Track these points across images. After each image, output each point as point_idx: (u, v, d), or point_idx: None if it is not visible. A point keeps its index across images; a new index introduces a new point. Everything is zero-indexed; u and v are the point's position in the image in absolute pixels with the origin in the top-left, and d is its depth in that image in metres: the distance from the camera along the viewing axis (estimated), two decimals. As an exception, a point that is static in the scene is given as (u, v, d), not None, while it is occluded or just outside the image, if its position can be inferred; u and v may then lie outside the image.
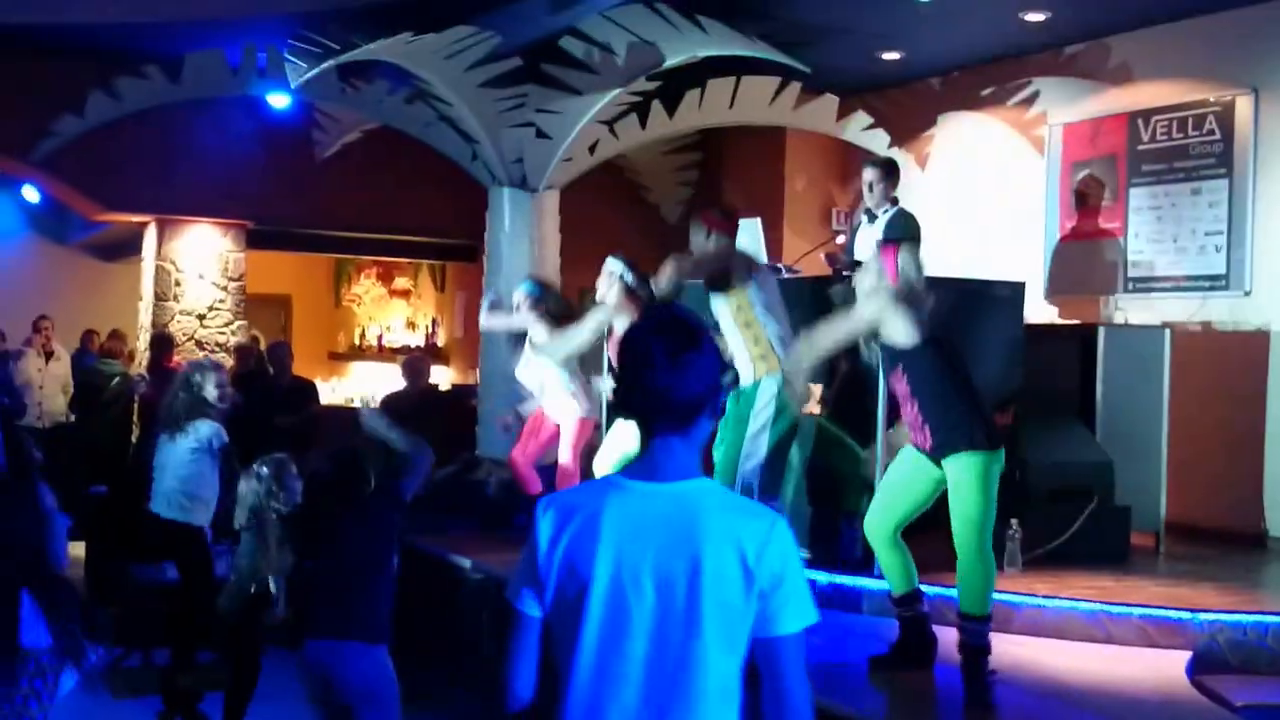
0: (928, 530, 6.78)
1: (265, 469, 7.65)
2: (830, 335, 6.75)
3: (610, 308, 8.46)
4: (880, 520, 6.69)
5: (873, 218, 9.49)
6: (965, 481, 6.22)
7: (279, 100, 13.66)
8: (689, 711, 2.98)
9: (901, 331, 6.38)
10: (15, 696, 4.44)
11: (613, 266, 8.61)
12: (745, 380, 7.45)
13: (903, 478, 6.61)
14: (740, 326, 7.48)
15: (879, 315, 6.47)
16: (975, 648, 6.16)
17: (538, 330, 9.51)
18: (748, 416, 7.37)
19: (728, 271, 7.57)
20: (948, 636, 6.62)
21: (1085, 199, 12.41)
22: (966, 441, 6.24)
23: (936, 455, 6.36)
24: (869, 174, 9.53)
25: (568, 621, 3.05)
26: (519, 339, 9.92)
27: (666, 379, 3.04)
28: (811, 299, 8.45)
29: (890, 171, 9.60)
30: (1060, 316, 11.77)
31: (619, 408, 3.25)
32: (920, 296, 6.55)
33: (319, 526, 6.82)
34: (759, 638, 3.01)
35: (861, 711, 6.22)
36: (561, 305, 9.79)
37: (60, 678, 4.56)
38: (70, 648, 4.50)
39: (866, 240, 9.40)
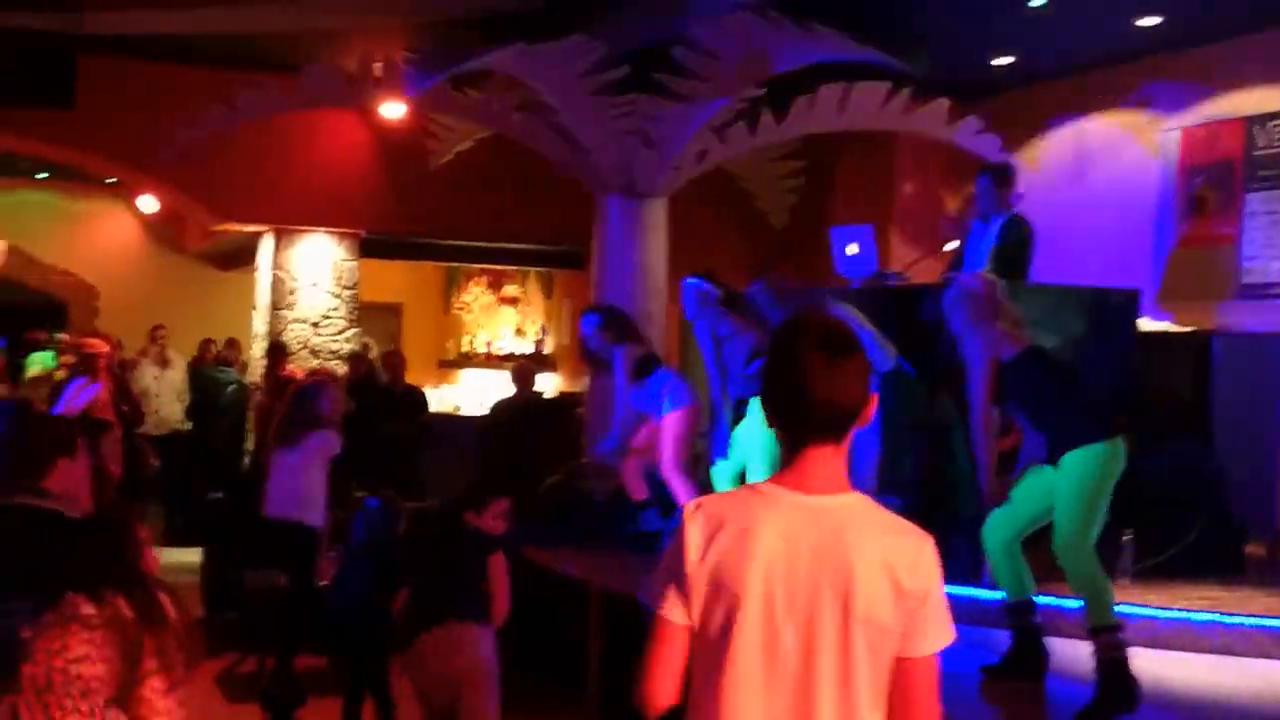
0: (1040, 543, 6.73)
1: (374, 504, 7.90)
2: (981, 398, 6.70)
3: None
4: (999, 527, 6.66)
5: (988, 224, 9.42)
6: (1077, 474, 6.18)
7: (393, 110, 13.79)
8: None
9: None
10: None
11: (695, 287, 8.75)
12: None
13: (1025, 488, 6.58)
14: None
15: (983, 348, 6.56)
16: (1111, 660, 6.09)
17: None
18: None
19: None
20: (1059, 649, 6.59)
21: (1200, 204, 12.27)
22: (1079, 437, 6.21)
23: (1055, 458, 6.32)
24: (982, 181, 9.45)
25: (716, 634, 2.97)
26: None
27: (824, 388, 2.94)
28: (919, 307, 8.41)
29: (1004, 178, 9.49)
30: (1174, 324, 11.64)
31: (768, 418, 3.07)
32: (1000, 311, 6.63)
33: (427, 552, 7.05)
34: (900, 656, 2.95)
35: (971, 721, 6.20)
36: (627, 325, 9.89)
37: None
38: None
39: (979, 247, 9.35)
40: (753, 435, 8.76)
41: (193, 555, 11.82)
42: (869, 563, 2.90)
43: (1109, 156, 13.24)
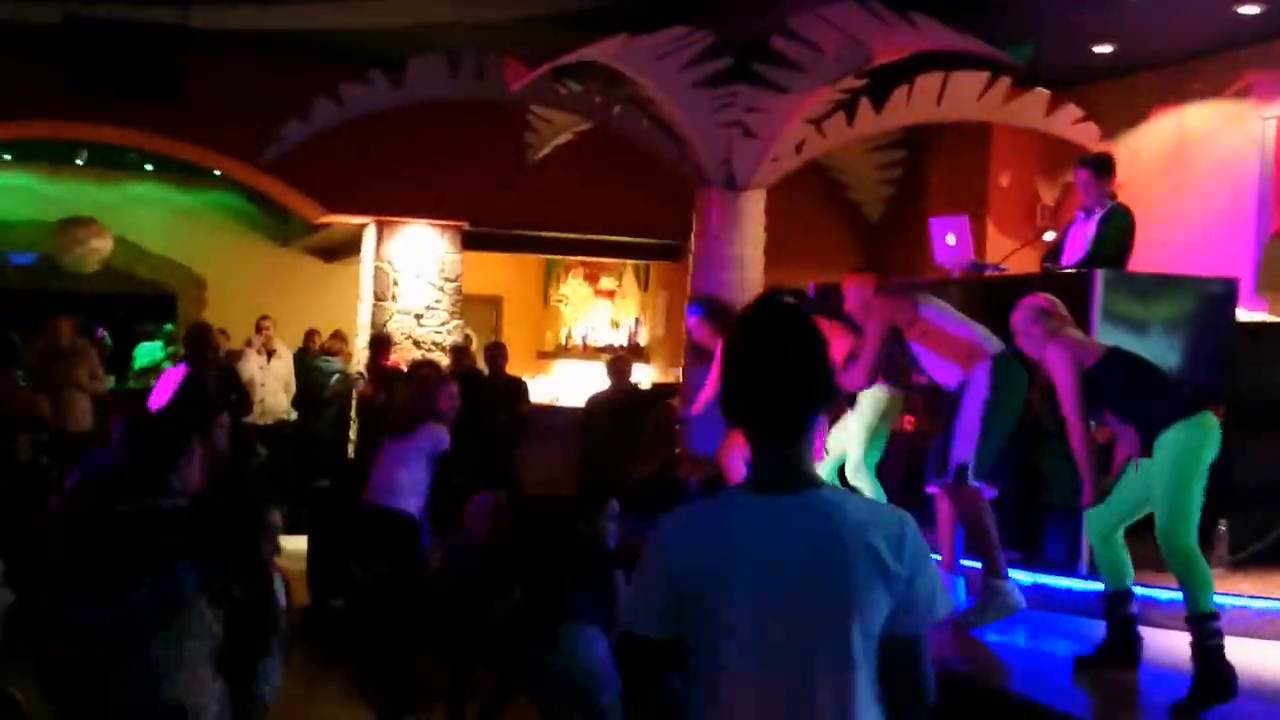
0: (1140, 533, 6.75)
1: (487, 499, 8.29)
2: (1072, 407, 6.75)
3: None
4: (1100, 517, 6.70)
5: (1089, 214, 9.41)
6: (1171, 453, 6.21)
7: (496, 103, 13.90)
8: (844, 713, 2.88)
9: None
10: None
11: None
12: (954, 380, 7.61)
13: (1124, 480, 6.61)
14: (934, 346, 7.67)
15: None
16: (1209, 649, 6.11)
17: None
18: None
19: (894, 336, 7.99)
20: (1154, 640, 6.62)
21: (1300, 193, 12.18)
22: (1168, 418, 6.24)
23: (1149, 448, 6.36)
24: (1084, 172, 9.44)
25: (703, 647, 2.94)
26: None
27: (790, 380, 2.90)
28: (1017, 298, 8.44)
29: (1104, 168, 9.46)
30: (1272, 313, 11.55)
31: (726, 413, 2.99)
32: (1070, 322, 6.77)
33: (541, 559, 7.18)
34: (892, 634, 2.93)
35: (1067, 710, 6.23)
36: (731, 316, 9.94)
37: None
38: None
39: (1080, 238, 9.36)
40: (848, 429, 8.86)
41: (299, 544, 11.89)
42: (854, 554, 2.86)
43: (1207, 145, 13.16)
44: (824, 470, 9.02)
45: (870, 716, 2.92)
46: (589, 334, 20.97)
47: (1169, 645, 7.19)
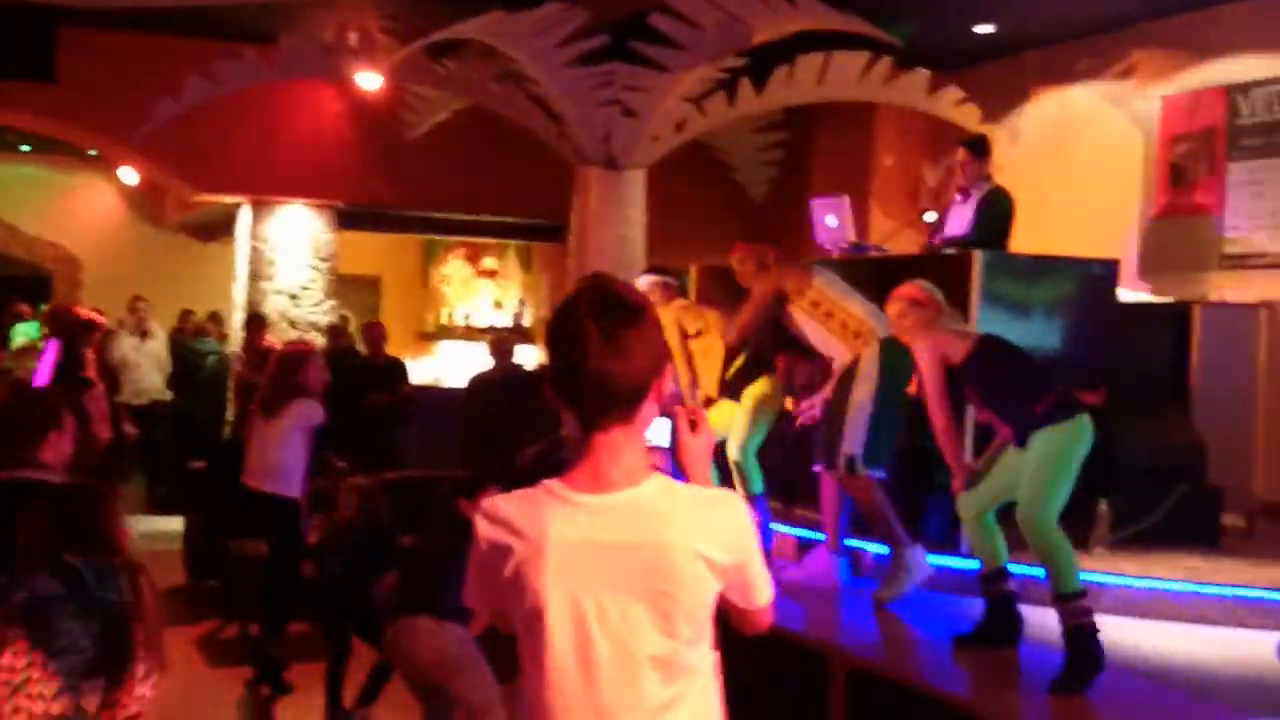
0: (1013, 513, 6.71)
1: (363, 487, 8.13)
2: (934, 403, 6.70)
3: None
4: (974, 495, 6.65)
5: (967, 196, 9.40)
6: (1042, 453, 6.18)
7: (370, 81, 13.74)
8: (675, 711, 2.82)
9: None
10: None
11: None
12: (843, 362, 7.56)
13: (1003, 459, 6.56)
14: (821, 319, 7.59)
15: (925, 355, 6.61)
16: (1078, 627, 6.07)
17: None
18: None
19: (779, 302, 7.79)
20: (1035, 617, 6.58)
21: (1182, 174, 12.24)
22: (1043, 419, 6.20)
23: (1021, 441, 6.32)
24: (962, 153, 9.45)
25: (526, 642, 2.85)
26: None
27: (604, 362, 2.75)
28: (898, 278, 8.39)
29: (982, 150, 9.49)
30: (1154, 294, 11.61)
31: (555, 397, 2.87)
32: (944, 314, 6.71)
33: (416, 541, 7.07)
34: (726, 608, 2.90)
35: (945, 689, 6.18)
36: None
37: None
38: None
39: (959, 219, 9.35)
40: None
41: (174, 524, 11.89)
42: (681, 552, 2.77)
43: (1091, 126, 13.21)
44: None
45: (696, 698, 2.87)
46: (472, 314, 20.85)
47: (1051, 623, 7.22)
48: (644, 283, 9.16)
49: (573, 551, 2.78)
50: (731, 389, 8.68)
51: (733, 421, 8.70)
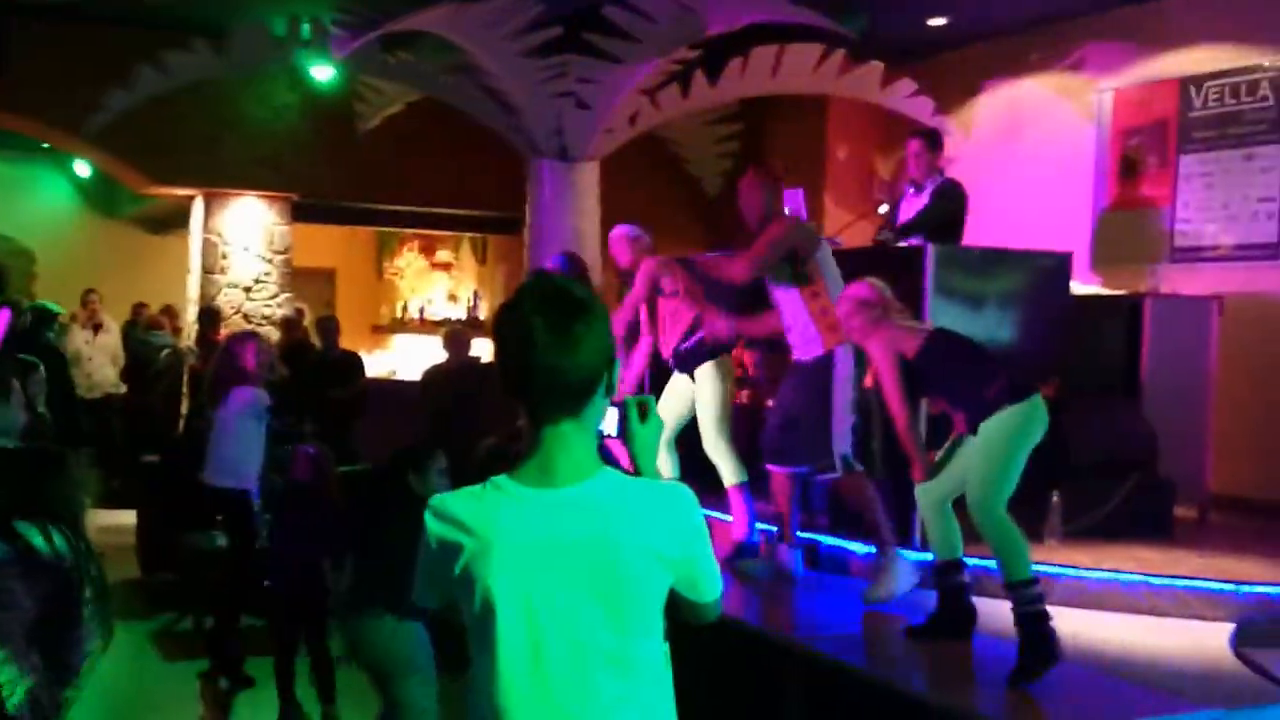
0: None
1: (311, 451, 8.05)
2: (894, 399, 6.70)
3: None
4: (932, 486, 6.66)
5: (919, 189, 9.43)
6: (991, 438, 6.21)
7: (323, 73, 13.68)
8: (627, 705, 2.81)
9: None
10: None
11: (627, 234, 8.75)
12: (810, 353, 7.52)
13: (961, 450, 6.58)
14: (808, 299, 7.53)
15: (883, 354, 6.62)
16: (1030, 615, 6.09)
17: None
18: (828, 389, 7.46)
19: (796, 246, 7.61)
20: (990, 610, 6.61)
21: (1133, 167, 12.30)
22: (994, 405, 6.23)
23: (973, 430, 6.35)
24: (913, 145, 9.48)
25: (477, 638, 2.84)
26: None
27: (552, 357, 2.75)
28: (853, 271, 8.39)
29: (934, 142, 9.55)
30: (1107, 286, 11.66)
31: (504, 391, 2.86)
32: (894, 311, 6.71)
33: (366, 520, 6.97)
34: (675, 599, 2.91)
35: (898, 680, 6.20)
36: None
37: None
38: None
39: (912, 211, 9.37)
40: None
41: (128, 518, 11.84)
42: (630, 548, 2.78)
43: (1043, 118, 13.27)
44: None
45: (649, 692, 2.87)
46: (426, 307, 20.80)
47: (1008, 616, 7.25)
48: (621, 233, 9.01)
49: (522, 548, 2.78)
50: (683, 362, 8.58)
51: (680, 407, 8.65)
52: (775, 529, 8.14)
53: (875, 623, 7.22)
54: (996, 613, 6.67)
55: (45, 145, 18.10)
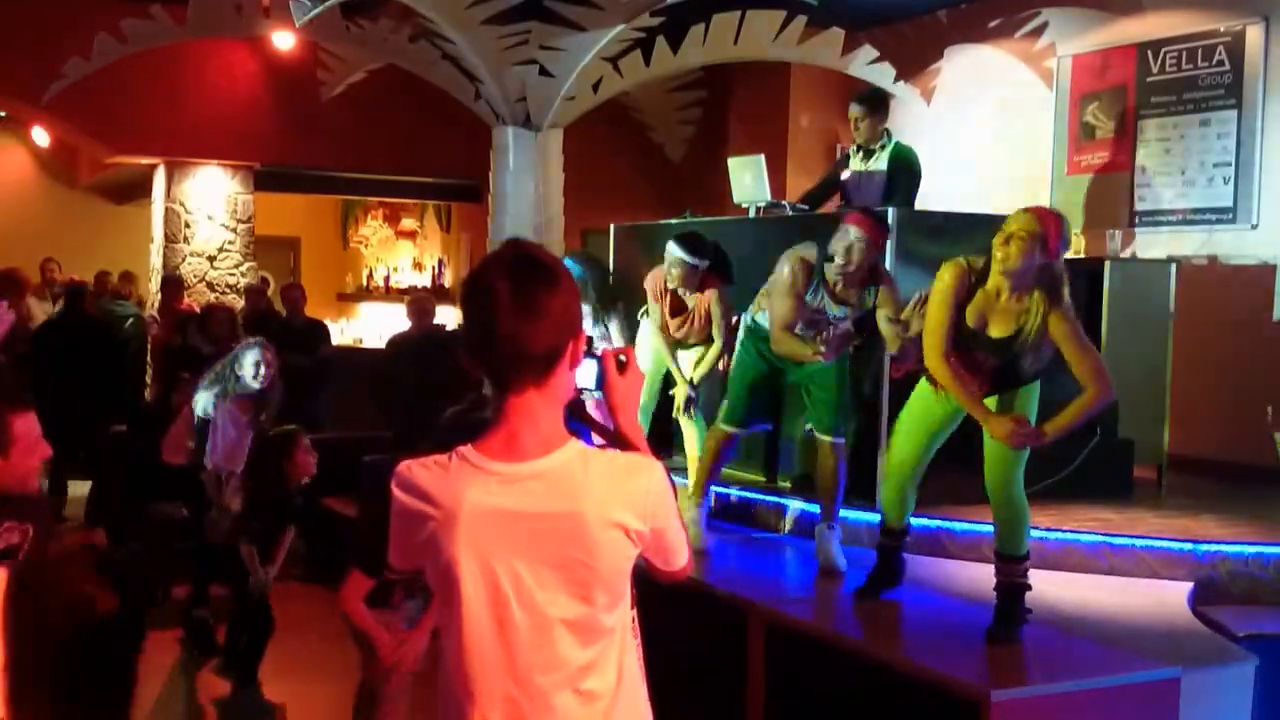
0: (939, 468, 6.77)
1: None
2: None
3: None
4: (921, 456, 6.63)
5: (869, 154, 9.45)
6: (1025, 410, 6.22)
7: (284, 40, 13.66)
8: (594, 673, 2.86)
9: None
10: None
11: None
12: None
13: (929, 420, 6.56)
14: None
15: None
16: (1014, 586, 6.18)
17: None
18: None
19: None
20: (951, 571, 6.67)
21: (1093, 132, 12.37)
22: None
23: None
24: (855, 109, 9.49)
25: (443, 605, 2.87)
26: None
27: (516, 324, 2.75)
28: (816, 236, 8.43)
29: (877, 105, 9.56)
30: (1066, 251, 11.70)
31: (470, 357, 2.86)
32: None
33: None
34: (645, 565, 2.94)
35: (855, 641, 6.27)
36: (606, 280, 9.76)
37: None
38: None
39: (859, 177, 9.42)
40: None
41: (82, 487, 12.03)
42: (595, 522, 2.79)
43: (1002, 84, 13.31)
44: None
45: (611, 662, 2.90)
46: (392, 275, 20.76)
47: (966, 577, 7.39)
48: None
49: (486, 520, 2.79)
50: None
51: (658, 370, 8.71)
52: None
53: (839, 584, 7.30)
54: (960, 575, 6.76)
55: (2, 114, 18.01)
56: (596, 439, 3.19)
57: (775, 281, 7.36)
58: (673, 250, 8.35)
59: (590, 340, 3.55)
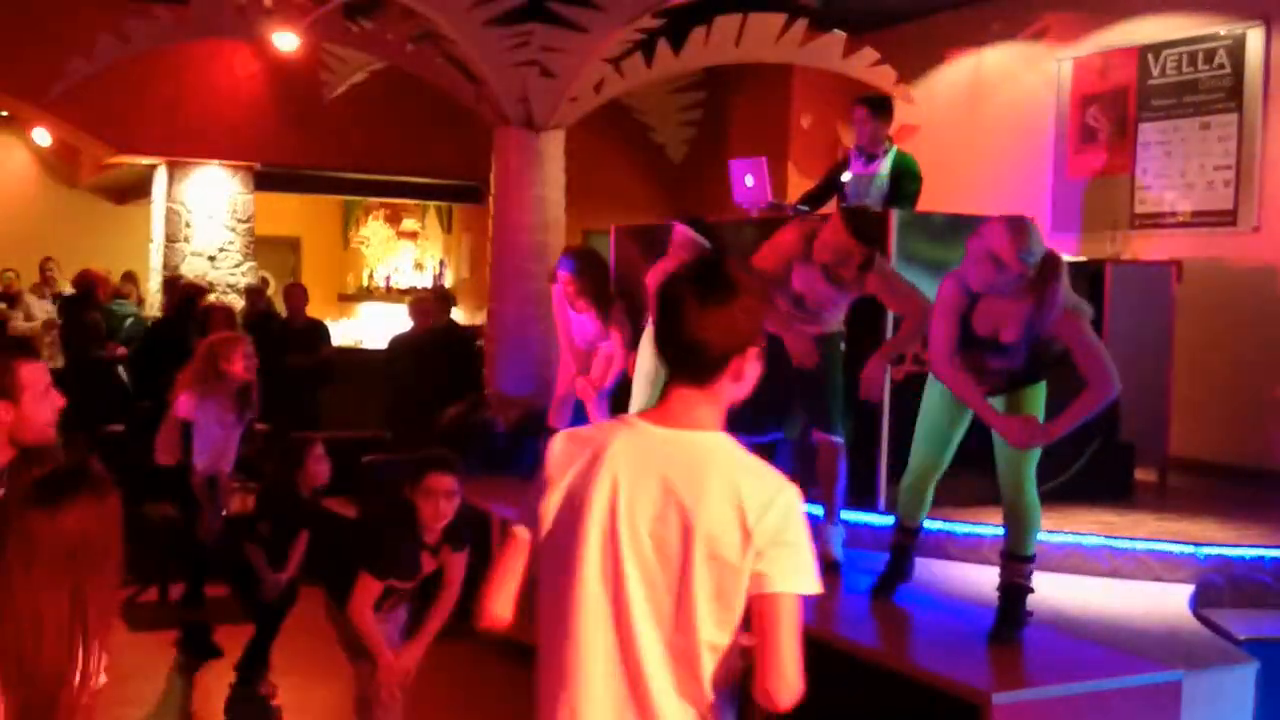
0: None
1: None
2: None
3: None
4: (940, 457, 6.63)
5: (870, 157, 9.45)
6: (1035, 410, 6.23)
7: (286, 41, 13.64)
8: (676, 655, 2.96)
9: None
10: None
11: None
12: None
13: (942, 419, 6.56)
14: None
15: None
16: (1017, 587, 6.19)
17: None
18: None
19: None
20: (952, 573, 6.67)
21: (1094, 134, 12.37)
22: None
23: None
24: (859, 112, 9.50)
25: (561, 552, 3.02)
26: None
27: (688, 329, 2.99)
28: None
29: (882, 109, 9.56)
30: (1067, 254, 11.69)
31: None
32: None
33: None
34: (753, 594, 2.94)
35: (863, 643, 6.27)
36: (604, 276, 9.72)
37: None
38: None
39: (860, 179, 9.41)
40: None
41: None
42: (717, 499, 2.93)
43: (1004, 87, 13.32)
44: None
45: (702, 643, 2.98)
46: (392, 276, 20.76)
47: (967, 579, 7.40)
48: (689, 237, 8.86)
49: (626, 463, 3.01)
50: None
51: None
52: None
53: (844, 586, 7.29)
54: (961, 576, 6.76)
55: (3, 113, 18.02)
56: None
57: None
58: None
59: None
